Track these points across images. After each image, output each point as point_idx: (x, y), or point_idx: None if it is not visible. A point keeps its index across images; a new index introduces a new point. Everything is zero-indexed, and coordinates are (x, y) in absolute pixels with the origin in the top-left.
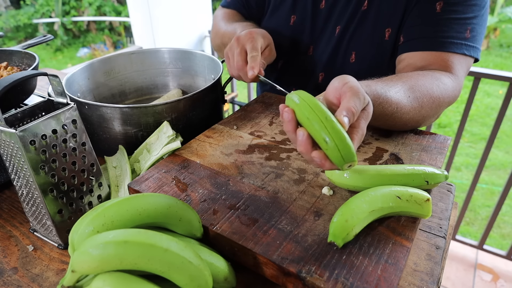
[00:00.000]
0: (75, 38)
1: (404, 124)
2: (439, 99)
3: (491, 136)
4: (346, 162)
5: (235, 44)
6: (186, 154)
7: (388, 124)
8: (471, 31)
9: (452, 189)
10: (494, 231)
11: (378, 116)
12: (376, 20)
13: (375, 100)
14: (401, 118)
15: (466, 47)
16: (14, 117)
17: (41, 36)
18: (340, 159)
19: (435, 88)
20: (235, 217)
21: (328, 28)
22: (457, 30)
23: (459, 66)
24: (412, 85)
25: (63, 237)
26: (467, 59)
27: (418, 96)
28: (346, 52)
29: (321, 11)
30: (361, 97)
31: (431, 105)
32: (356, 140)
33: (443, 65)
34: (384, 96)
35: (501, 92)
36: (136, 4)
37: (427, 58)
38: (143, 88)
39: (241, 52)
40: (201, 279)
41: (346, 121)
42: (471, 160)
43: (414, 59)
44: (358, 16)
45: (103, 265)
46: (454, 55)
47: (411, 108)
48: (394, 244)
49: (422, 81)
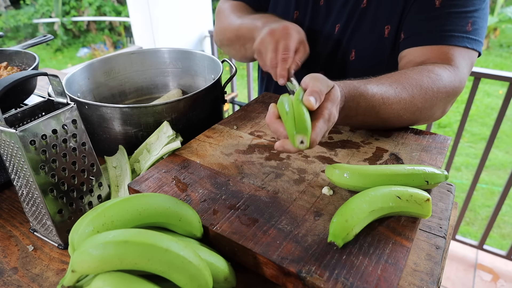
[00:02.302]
0: (75, 38)
1: (399, 116)
2: (432, 89)
3: (491, 136)
4: (297, 133)
5: (269, 38)
6: (186, 154)
7: (383, 118)
8: (473, 24)
9: (452, 189)
10: (494, 231)
11: (366, 109)
12: (375, 17)
13: (354, 91)
14: (393, 109)
15: (468, 40)
16: (14, 117)
17: (41, 36)
18: (292, 128)
19: (425, 78)
20: (235, 217)
21: (327, 26)
22: (458, 24)
23: (460, 58)
24: (399, 78)
25: (63, 237)
26: (469, 52)
27: (407, 87)
28: (346, 50)
29: (321, 8)
30: (322, 81)
31: (424, 96)
32: (320, 120)
33: (443, 58)
34: (363, 87)
35: (501, 92)
36: (136, 4)
37: (427, 53)
38: (143, 88)
39: (275, 48)
40: (201, 279)
41: (312, 100)
42: (471, 160)
43: (414, 54)
44: (357, 14)
45: (103, 265)
46: (455, 48)
47: (400, 98)
48: (394, 244)
49: (410, 73)
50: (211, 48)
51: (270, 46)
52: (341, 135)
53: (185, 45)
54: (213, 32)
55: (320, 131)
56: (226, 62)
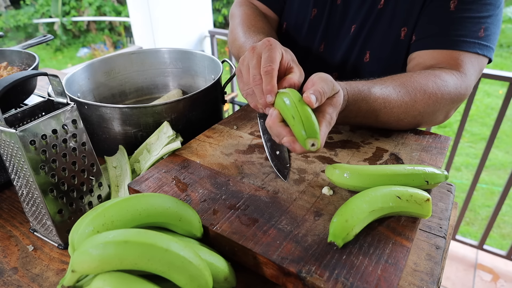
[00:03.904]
0: (75, 38)
1: (400, 119)
2: (435, 94)
3: (491, 136)
4: (308, 137)
5: (250, 54)
6: (186, 154)
7: (382, 121)
8: (485, 30)
9: (452, 189)
10: (494, 231)
11: (367, 112)
12: (392, 19)
13: (357, 95)
14: (393, 113)
15: (479, 46)
16: (14, 117)
17: (41, 36)
18: (302, 133)
19: (431, 83)
20: (235, 217)
21: (344, 27)
22: (470, 29)
23: (469, 64)
24: (404, 81)
25: (63, 237)
26: (479, 58)
27: (410, 90)
28: (361, 52)
29: (338, 6)
30: (329, 83)
31: (427, 101)
32: (323, 124)
33: (452, 64)
34: (367, 91)
35: (501, 92)
36: (136, 4)
37: (437, 57)
38: (143, 88)
39: (257, 63)
40: (201, 279)
41: (313, 98)
42: (471, 160)
43: (424, 57)
44: (374, 15)
45: (103, 265)
46: (466, 54)
47: (402, 102)
48: (394, 244)
49: (415, 77)
50: (211, 48)
51: (252, 62)
52: (341, 135)
53: (185, 45)
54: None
55: (325, 134)
56: (226, 62)
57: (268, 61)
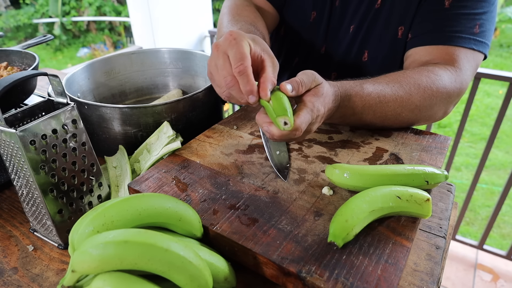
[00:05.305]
0: (75, 38)
1: (397, 114)
2: (430, 88)
3: (491, 136)
4: (278, 116)
5: (215, 53)
6: (186, 154)
7: (381, 118)
8: (480, 26)
9: (452, 189)
10: (494, 231)
11: (363, 108)
12: (389, 18)
13: (350, 90)
14: (389, 107)
15: (474, 42)
16: (14, 117)
17: (41, 36)
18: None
19: (424, 78)
20: (235, 217)
21: (342, 27)
22: (465, 25)
23: (464, 60)
24: (397, 77)
25: (63, 237)
26: (475, 54)
27: (404, 85)
28: (359, 51)
29: (336, 8)
30: (310, 75)
31: (423, 94)
32: (304, 110)
33: (448, 59)
34: (359, 87)
35: (501, 92)
36: (136, 4)
37: (432, 52)
38: (143, 88)
39: (225, 63)
40: (201, 279)
41: (288, 87)
42: (471, 160)
43: (419, 54)
44: (371, 15)
45: (103, 265)
46: (461, 49)
47: (397, 96)
48: (394, 244)
49: (408, 73)
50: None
51: (219, 62)
52: (341, 135)
53: (185, 45)
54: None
55: (305, 118)
56: None
57: (238, 59)
